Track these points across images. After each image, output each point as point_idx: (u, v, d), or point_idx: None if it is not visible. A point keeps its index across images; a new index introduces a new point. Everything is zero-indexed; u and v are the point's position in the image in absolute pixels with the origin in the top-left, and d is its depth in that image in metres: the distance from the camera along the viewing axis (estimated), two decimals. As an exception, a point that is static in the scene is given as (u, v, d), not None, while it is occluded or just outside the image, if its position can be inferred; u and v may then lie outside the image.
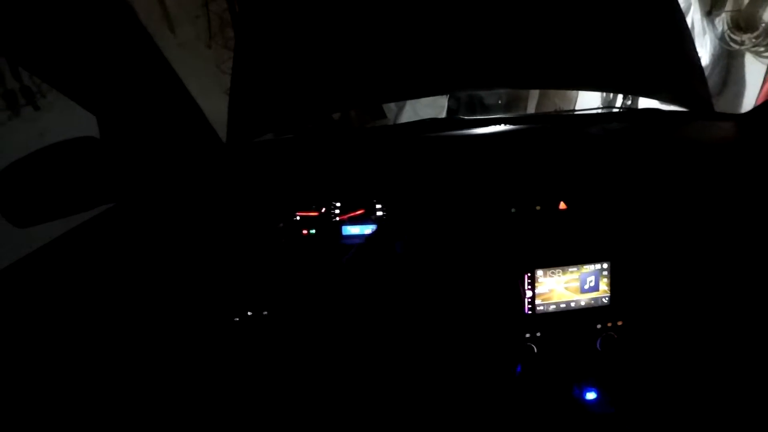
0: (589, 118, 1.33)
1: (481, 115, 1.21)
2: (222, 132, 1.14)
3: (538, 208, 0.95)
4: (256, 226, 0.98)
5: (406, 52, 1.22)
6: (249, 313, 0.94)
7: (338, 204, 1.01)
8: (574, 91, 2.74)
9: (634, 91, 1.70)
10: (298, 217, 1.00)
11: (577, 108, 2.70)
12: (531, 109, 2.93)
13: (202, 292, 0.94)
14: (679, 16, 1.36)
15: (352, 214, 1.01)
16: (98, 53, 0.76)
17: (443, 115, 2.81)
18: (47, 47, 0.70)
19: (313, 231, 1.00)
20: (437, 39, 1.22)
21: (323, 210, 1.00)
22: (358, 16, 1.21)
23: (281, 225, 0.99)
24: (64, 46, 0.72)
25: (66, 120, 1.60)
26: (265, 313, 0.94)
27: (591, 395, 0.93)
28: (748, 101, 2.34)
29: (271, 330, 0.95)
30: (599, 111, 1.78)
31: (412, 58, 1.22)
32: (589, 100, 2.65)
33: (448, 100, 2.90)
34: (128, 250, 0.91)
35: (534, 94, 2.97)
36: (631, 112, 1.64)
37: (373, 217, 1.00)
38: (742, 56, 2.39)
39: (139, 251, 0.92)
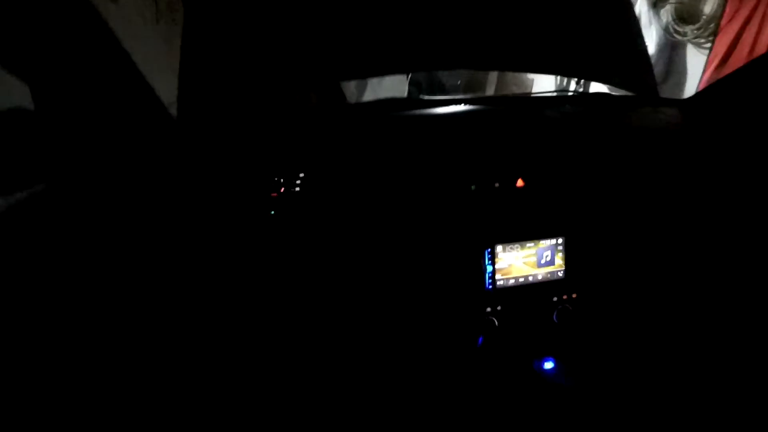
0: (544, 101, 1.37)
1: (438, 96, 1.23)
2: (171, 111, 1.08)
3: (497, 185, 0.97)
4: (212, 205, 0.94)
5: (367, 29, 1.20)
6: (200, 304, 0.90)
7: (299, 182, 0.98)
8: (530, 76, 2.82)
9: (585, 75, 1.77)
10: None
11: (532, 92, 2.78)
12: (489, 92, 2.98)
13: (144, 282, 0.88)
14: (628, 6, 1.43)
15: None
16: (34, 13, 0.70)
17: (403, 96, 2.80)
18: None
19: (273, 212, 0.97)
20: (399, 17, 1.21)
21: (282, 190, 0.98)
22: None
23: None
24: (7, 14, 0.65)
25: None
26: (221, 302, 0.91)
27: (549, 365, 0.97)
28: (690, 88, 2.49)
29: (224, 318, 0.91)
30: (552, 95, 1.84)
31: (373, 36, 1.21)
32: (544, 86, 2.74)
33: (409, 84, 2.90)
34: (61, 234, 0.84)
35: (492, 79, 3.02)
36: (583, 96, 1.70)
37: (335, 193, 0.98)
38: (685, 47, 2.53)
39: (74, 236, 0.85)
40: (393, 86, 2.86)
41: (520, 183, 0.98)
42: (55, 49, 0.76)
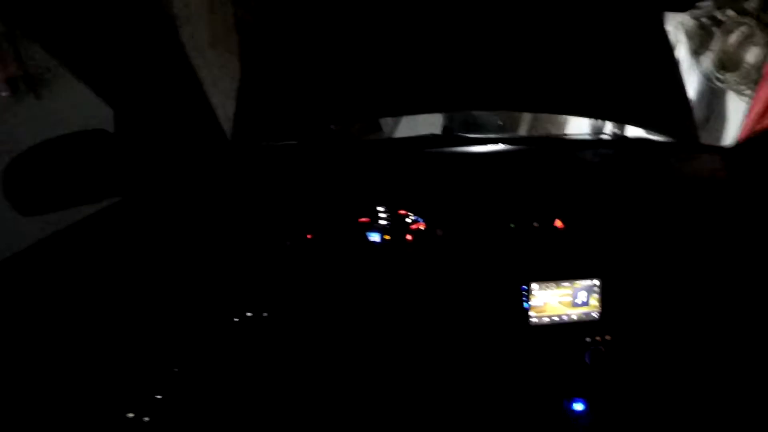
0: (583, 144, 1.39)
1: (475, 134, 1.27)
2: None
3: (536, 224, 0.99)
4: (260, 228, 0.99)
5: (411, 70, 1.26)
6: (248, 314, 0.95)
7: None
8: (566, 117, 2.83)
9: (625, 119, 1.78)
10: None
11: (567, 133, 2.78)
12: (523, 131, 3.00)
13: (202, 290, 0.94)
14: (669, 52, 1.45)
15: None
16: (125, 46, 0.78)
17: (439, 132, 2.86)
18: (78, 36, 0.72)
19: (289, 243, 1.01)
20: (440, 59, 1.26)
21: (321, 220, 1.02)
22: (366, 33, 1.25)
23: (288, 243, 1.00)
24: (93, 36, 0.74)
25: (68, 111, 1.59)
26: (265, 314, 0.95)
27: (578, 406, 0.96)
28: (729, 136, 2.45)
29: (271, 332, 0.95)
30: (592, 138, 1.85)
31: (416, 76, 1.27)
32: (578, 126, 2.74)
33: (444, 118, 2.96)
34: (133, 245, 0.91)
35: (526, 118, 3.05)
36: (622, 140, 1.71)
37: (376, 225, 1.03)
38: (725, 94, 2.51)
39: (144, 247, 0.92)
40: (428, 120, 2.92)
41: (558, 224, 0.99)
42: (139, 78, 0.85)
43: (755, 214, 1.05)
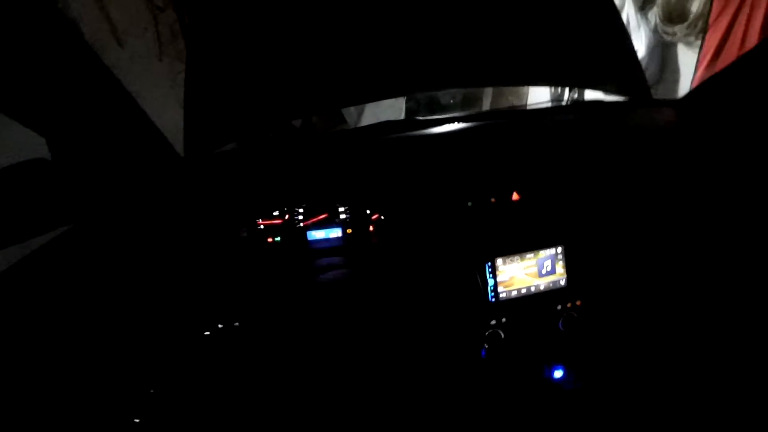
0: (538, 113, 1.40)
1: (439, 115, 1.26)
2: (180, 146, 1.13)
3: (493, 200, 0.99)
4: (220, 237, 0.98)
5: (360, 57, 1.24)
6: (219, 326, 0.94)
7: (301, 210, 1.02)
8: (526, 88, 2.85)
9: (576, 83, 1.79)
10: (261, 226, 1.01)
11: (528, 103, 2.81)
12: (486, 106, 3.02)
13: (168, 308, 0.93)
14: (615, 12, 1.46)
15: (314, 219, 1.02)
16: (43, 73, 0.75)
17: (402, 117, 2.86)
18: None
19: (279, 238, 1.01)
20: (391, 44, 1.25)
21: (287, 217, 1.01)
22: (312, 23, 1.23)
23: (244, 234, 0.99)
24: (6, 68, 0.70)
25: (4, 144, 1.53)
26: (237, 324, 0.94)
27: (558, 373, 0.98)
28: (684, 87, 2.50)
29: (243, 341, 0.94)
30: (548, 105, 1.87)
31: (366, 63, 1.25)
32: (539, 96, 2.77)
33: (407, 102, 2.96)
34: (88, 271, 0.89)
35: (488, 92, 3.07)
36: (577, 104, 1.72)
37: (336, 220, 1.02)
38: (675, 46, 2.55)
39: (100, 272, 0.90)
40: (392, 105, 2.92)
41: (515, 196, 1.00)
42: (66, 103, 0.82)
43: (711, 164, 1.07)
